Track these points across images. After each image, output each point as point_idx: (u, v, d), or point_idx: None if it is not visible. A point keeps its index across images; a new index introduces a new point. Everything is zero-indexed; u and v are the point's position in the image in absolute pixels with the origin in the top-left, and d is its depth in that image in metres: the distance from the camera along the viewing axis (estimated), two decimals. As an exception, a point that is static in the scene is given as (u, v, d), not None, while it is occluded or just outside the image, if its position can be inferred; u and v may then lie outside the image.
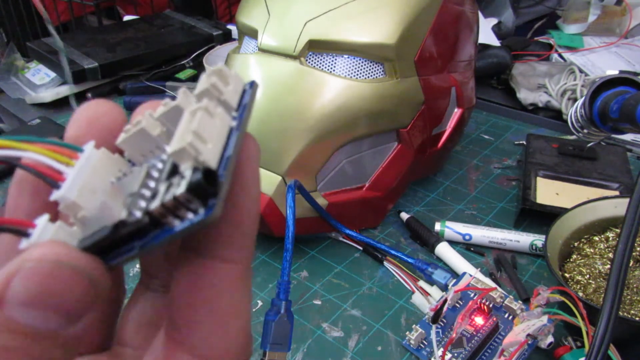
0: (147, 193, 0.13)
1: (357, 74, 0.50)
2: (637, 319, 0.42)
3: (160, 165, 0.14)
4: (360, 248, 0.56)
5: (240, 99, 0.15)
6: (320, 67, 0.50)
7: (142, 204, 0.13)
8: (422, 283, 0.51)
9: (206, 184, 0.12)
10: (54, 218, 0.14)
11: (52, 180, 0.14)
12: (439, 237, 0.56)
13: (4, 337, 0.12)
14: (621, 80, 0.52)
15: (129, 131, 0.15)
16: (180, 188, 0.12)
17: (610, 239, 0.49)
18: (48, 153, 0.14)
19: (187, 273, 0.14)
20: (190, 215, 0.13)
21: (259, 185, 0.15)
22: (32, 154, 0.14)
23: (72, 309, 0.12)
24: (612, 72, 0.76)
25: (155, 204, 0.13)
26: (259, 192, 0.15)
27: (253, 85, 0.16)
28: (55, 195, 0.14)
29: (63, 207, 0.14)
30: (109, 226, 0.13)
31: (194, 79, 0.95)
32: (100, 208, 0.14)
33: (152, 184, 0.14)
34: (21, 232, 0.14)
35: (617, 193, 0.59)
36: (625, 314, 0.43)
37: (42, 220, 0.14)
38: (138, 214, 0.13)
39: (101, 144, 0.15)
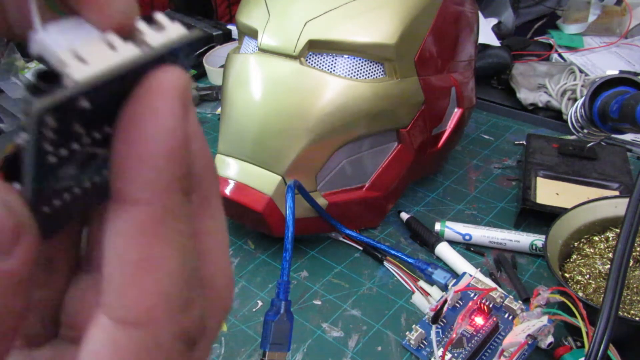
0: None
1: (357, 74, 0.50)
2: (637, 319, 0.42)
3: None
4: (360, 248, 0.56)
5: (168, 43, 0.14)
6: (320, 67, 0.50)
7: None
8: (422, 283, 0.51)
9: (38, 79, 0.12)
10: None
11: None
12: (439, 237, 0.56)
13: None
14: (621, 80, 0.52)
15: None
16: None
17: (610, 239, 0.49)
18: None
19: (99, 222, 0.13)
20: (31, 118, 0.12)
21: (173, 118, 0.13)
22: None
23: None
24: (612, 72, 0.76)
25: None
26: (172, 125, 0.13)
27: (194, 33, 0.15)
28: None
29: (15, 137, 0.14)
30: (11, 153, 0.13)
31: (194, 79, 0.95)
32: None
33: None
34: None
35: (617, 193, 0.59)
36: (625, 314, 0.43)
37: None
38: (24, 135, 0.12)
39: None
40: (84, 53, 0.12)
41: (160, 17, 0.14)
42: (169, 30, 0.14)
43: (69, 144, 0.13)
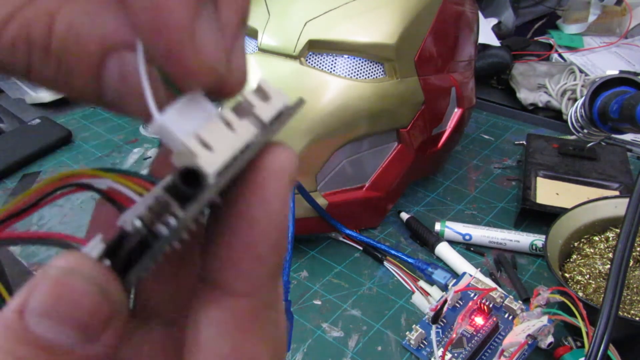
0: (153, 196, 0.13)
1: (357, 74, 0.50)
2: (637, 319, 0.42)
3: None
4: (360, 248, 0.56)
5: (277, 115, 0.14)
6: (320, 67, 0.50)
7: (145, 211, 0.13)
8: (422, 283, 0.51)
9: (181, 183, 0.12)
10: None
11: (120, 204, 0.14)
12: (439, 237, 0.56)
13: (23, 349, 0.11)
14: (621, 80, 0.52)
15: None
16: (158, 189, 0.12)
17: (610, 239, 0.49)
18: (124, 182, 0.14)
19: (192, 305, 0.13)
20: (172, 221, 0.12)
21: (284, 206, 0.13)
22: (110, 181, 0.14)
23: (84, 322, 0.12)
24: (612, 72, 0.76)
25: (141, 208, 0.12)
26: (283, 214, 0.13)
27: (298, 103, 0.15)
28: (119, 219, 0.14)
29: (120, 221, 0.14)
30: (116, 236, 0.13)
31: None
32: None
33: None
34: (72, 247, 0.14)
35: (617, 193, 0.59)
36: (625, 314, 0.43)
37: (95, 239, 0.14)
38: (137, 223, 0.13)
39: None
40: (207, 137, 0.12)
41: (264, 84, 0.14)
42: (274, 100, 0.14)
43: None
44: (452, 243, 0.55)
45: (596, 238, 0.50)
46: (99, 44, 0.11)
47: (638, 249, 0.47)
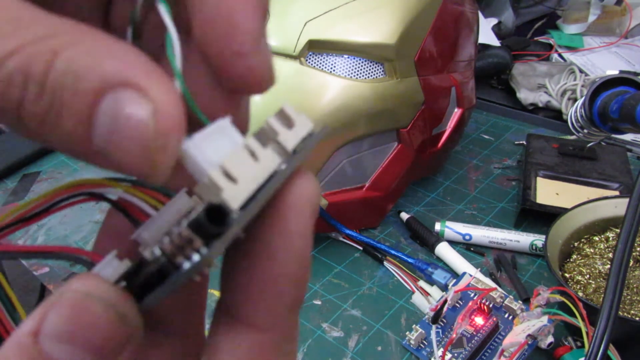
0: (176, 230, 0.13)
1: (357, 74, 0.50)
2: (637, 319, 0.42)
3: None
4: (360, 248, 0.56)
5: (301, 143, 0.14)
6: (320, 67, 0.50)
7: (165, 241, 0.13)
8: (422, 283, 0.51)
9: (207, 221, 0.12)
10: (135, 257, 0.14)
11: (135, 219, 0.14)
12: (439, 237, 0.56)
13: None
14: (621, 80, 0.52)
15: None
16: (184, 224, 0.12)
17: (610, 239, 0.49)
18: (139, 194, 0.14)
19: (210, 333, 0.13)
20: (195, 256, 0.12)
21: (306, 241, 0.13)
22: (124, 194, 0.14)
23: (101, 346, 0.12)
24: (612, 72, 0.76)
25: (166, 240, 0.12)
26: (304, 249, 0.13)
27: (323, 130, 0.15)
28: (134, 234, 0.14)
29: (140, 247, 0.14)
30: (134, 263, 0.13)
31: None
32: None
33: (184, 222, 0.13)
34: (87, 263, 0.14)
35: (617, 193, 0.59)
36: (625, 314, 0.43)
37: (109, 256, 0.14)
38: (157, 252, 0.13)
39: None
40: (232, 169, 0.12)
41: (288, 109, 0.14)
42: (298, 126, 0.14)
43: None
44: (452, 243, 0.55)
45: (596, 238, 0.50)
46: (97, 81, 0.11)
47: (638, 249, 0.47)
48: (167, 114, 0.11)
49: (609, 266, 0.46)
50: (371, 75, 0.51)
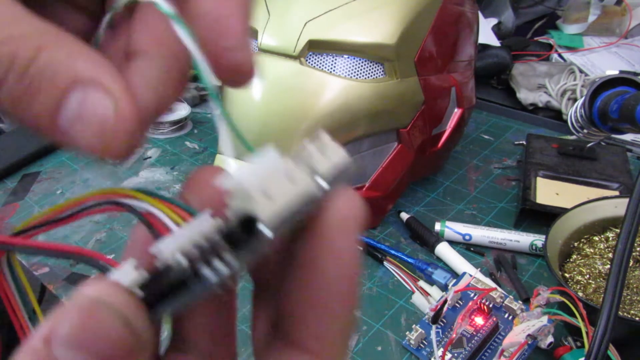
0: (205, 244, 0.13)
1: (357, 74, 0.50)
2: (637, 319, 0.42)
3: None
4: (360, 248, 0.56)
5: (333, 170, 0.14)
6: (320, 67, 0.50)
7: (193, 252, 0.13)
8: (422, 283, 0.51)
9: (240, 232, 0.12)
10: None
11: (157, 232, 0.14)
12: (439, 237, 0.56)
13: None
14: (621, 80, 0.52)
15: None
16: (216, 234, 0.12)
17: (610, 239, 0.49)
18: (165, 209, 0.15)
19: (259, 356, 0.13)
20: (222, 267, 0.12)
21: (355, 258, 0.13)
22: (152, 207, 0.15)
23: (109, 354, 0.12)
24: (612, 72, 0.76)
25: (194, 250, 0.12)
26: (354, 267, 0.13)
27: (353, 161, 0.15)
28: (153, 247, 0.14)
29: (157, 260, 0.14)
30: (156, 270, 0.13)
31: (194, 79, 0.95)
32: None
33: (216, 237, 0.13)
34: (104, 268, 0.14)
35: (617, 193, 0.59)
36: (625, 314, 0.43)
37: (127, 264, 0.14)
38: (181, 259, 0.12)
39: (209, 205, 0.15)
40: (267, 186, 0.12)
41: (324, 136, 0.14)
42: (331, 153, 0.14)
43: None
44: (452, 243, 0.55)
45: (596, 238, 0.50)
46: (71, 76, 0.13)
47: (638, 249, 0.47)
48: (123, 109, 0.13)
49: (609, 266, 0.46)
50: (371, 75, 0.51)
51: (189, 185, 0.16)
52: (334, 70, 0.50)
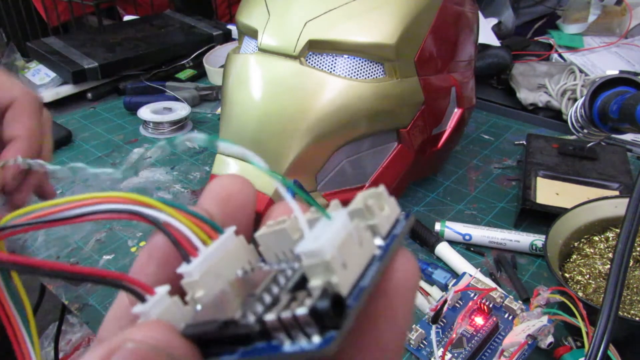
0: (268, 299, 0.13)
1: (357, 74, 0.50)
2: (637, 319, 0.42)
3: (289, 273, 0.13)
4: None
5: (391, 228, 0.14)
6: (320, 67, 0.50)
7: (259, 309, 0.12)
8: (422, 283, 0.51)
9: (332, 313, 0.11)
10: (172, 291, 0.14)
11: (185, 252, 0.14)
12: (439, 237, 0.56)
13: None
14: (621, 80, 0.52)
15: (270, 227, 0.15)
16: (302, 308, 0.12)
17: (610, 239, 0.49)
18: (191, 225, 0.14)
19: None
20: (303, 340, 0.12)
21: (410, 319, 0.13)
22: (177, 222, 0.14)
23: None
24: (612, 72, 0.76)
25: (271, 316, 0.12)
26: (408, 327, 0.13)
27: (409, 217, 0.14)
28: (182, 268, 0.14)
29: (185, 282, 0.14)
30: (219, 322, 0.13)
31: (194, 79, 0.95)
32: (218, 296, 0.13)
33: (275, 290, 0.13)
34: (139, 295, 0.14)
35: (617, 193, 0.59)
36: (625, 314, 0.43)
37: (162, 290, 0.14)
38: (252, 319, 0.12)
39: (232, 222, 0.15)
40: (343, 254, 0.12)
41: (384, 193, 0.14)
42: (389, 210, 0.14)
43: None
44: (452, 243, 0.55)
45: (596, 238, 0.50)
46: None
47: (638, 249, 0.47)
48: None
49: (609, 266, 0.46)
50: (371, 75, 0.51)
51: (207, 196, 0.16)
52: (334, 70, 0.50)
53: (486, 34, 0.93)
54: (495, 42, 0.92)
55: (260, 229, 0.15)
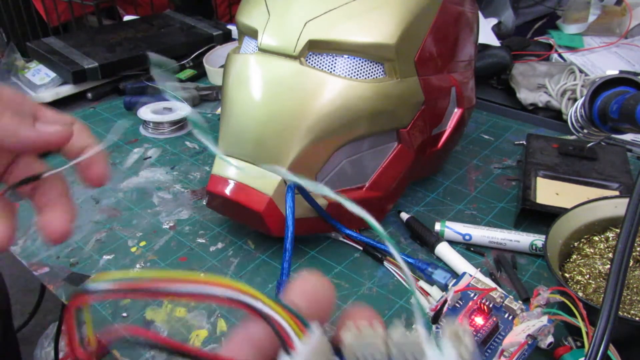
0: None
1: (357, 74, 0.50)
2: (637, 319, 0.42)
3: None
4: (360, 248, 0.56)
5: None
6: (320, 67, 0.50)
7: None
8: (422, 283, 0.51)
9: None
10: None
11: (286, 344, 0.15)
12: (439, 237, 0.56)
13: None
14: (621, 80, 0.52)
15: (358, 337, 0.16)
16: None
17: (610, 239, 0.49)
18: (288, 319, 0.16)
19: None
20: None
21: None
22: (278, 315, 0.16)
23: None
24: (612, 72, 0.76)
25: None
26: None
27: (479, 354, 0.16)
28: (282, 359, 0.15)
29: None
30: None
31: (194, 79, 0.95)
32: None
33: None
34: None
35: (617, 193, 0.59)
36: (625, 314, 0.43)
37: None
38: None
39: (316, 317, 0.17)
40: None
41: (462, 329, 0.16)
42: (467, 342, 0.15)
43: None
44: (452, 243, 0.55)
45: (596, 238, 0.50)
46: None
47: (638, 249, 0.47)
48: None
49: (609, 266, 0.46)
50: (371, 75, 0.51)
51: (296, 291, 0.18)
52: (334, 70, 0.50)
53: (486, 34, 0.93)
54: (495, 42, 0.92)
55: (348, 333, 0.17)
